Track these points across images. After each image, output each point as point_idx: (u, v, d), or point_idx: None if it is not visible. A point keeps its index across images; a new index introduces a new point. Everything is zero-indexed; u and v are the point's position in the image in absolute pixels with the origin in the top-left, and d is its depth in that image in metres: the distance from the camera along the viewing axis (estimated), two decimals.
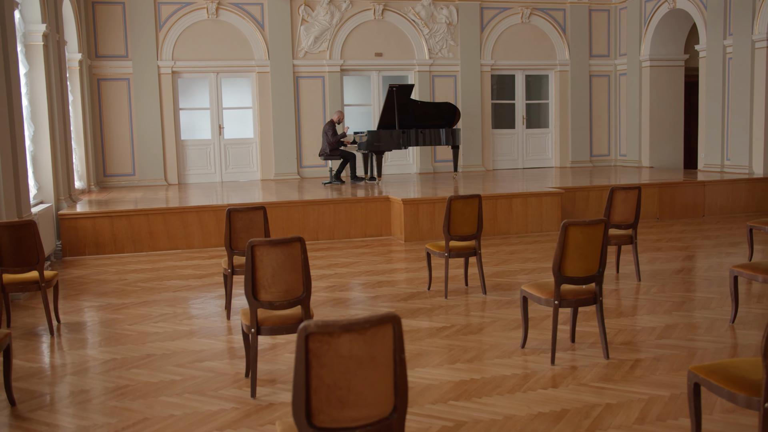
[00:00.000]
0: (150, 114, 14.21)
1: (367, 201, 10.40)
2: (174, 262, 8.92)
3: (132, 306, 6.71)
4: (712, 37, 13.52)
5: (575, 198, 11.13)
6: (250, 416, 4.03)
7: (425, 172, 15.68)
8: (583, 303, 4.83)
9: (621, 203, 7.04)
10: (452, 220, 6.53)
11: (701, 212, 11.79)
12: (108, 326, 6.02)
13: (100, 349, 5.36)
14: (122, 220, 9.53)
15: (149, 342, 5.51)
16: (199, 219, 9.76)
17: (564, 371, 4.63)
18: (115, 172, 14.23)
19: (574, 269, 4.72)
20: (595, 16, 16.43)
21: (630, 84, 16.00)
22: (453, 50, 15.64)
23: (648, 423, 3.81)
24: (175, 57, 14.29)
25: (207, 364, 4.95)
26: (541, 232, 10.35)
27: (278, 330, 4.30)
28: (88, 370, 4.89)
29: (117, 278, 8.04)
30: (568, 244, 4.66)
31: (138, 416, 4.06)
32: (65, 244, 9.35)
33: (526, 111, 16.54)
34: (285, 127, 14.82)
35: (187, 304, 6.84)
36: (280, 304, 4.24)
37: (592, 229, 4.67)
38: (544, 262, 8.37)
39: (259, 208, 6.07)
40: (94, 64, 13.88)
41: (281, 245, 4.14)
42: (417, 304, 6.52)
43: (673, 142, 15.76)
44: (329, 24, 14.93)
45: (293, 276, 4.22)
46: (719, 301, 6.31)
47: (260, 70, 14.69)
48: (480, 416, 3.95)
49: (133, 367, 4.91)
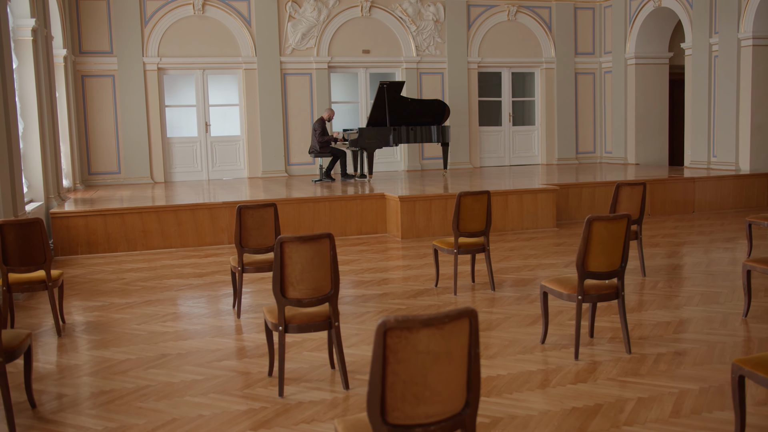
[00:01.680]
0: (135, 111, 14.00)
1: (362, 198, 10.35)
2: (170, 261, 8.79)
3: (136, 305, 6.59)
4: (698, 35, 13.67)
5: (569, 195, 11.18)
6: (281, 415, 3.96)
7: (413, 169, 15.66)
8: (605, 298, 4.84)
9: (626, 199, 7.07)
10: (461, 216, 6.51)
11: (691, 208, 11.91)
12: (116, 326, 5.90)
13: (114, 350, 5.24)
14: (115, 218, 9.37)
15: (161, 342, 5.41)
16: (193, 217, 9.63)
17: (589, 366, 4.63)
18: (100, 170, 14.00)
19: (597, 264, 4.72)
20: (580, 14, 16.53)
21: (615, 82, 16.13)
22: (440, 47, 15.64)
23: (683, 416, 3.82)
24: (160, 53, 14.10)
25: (226, 363, 4.86)
26: (536, 229, 10.39)
27: (306, 328, 4.23)
28: (104, 371, 4.78)
29: (115, 277, 7.90)
30: (592, 239, 4.66)
31: (166, 417, 3.97)
32: (57, 243, 9.16)
33: (512, 108, 16.60)
34: (272, 125, 14.70)
35: (193, 302, 6.73)
36: (309, 302, 4.18)
37: (616, 224, 4.67)
38: (545, 258, 8.39)
39: (270, 205, 5.99)
40: (79, 60, 13.64)
41: (310, 242, 4.07)
42: (427, 300, 6.49)
43: (658, 140, 15.92)
44: (316, 21, 14.83)
45: (322, 273, 4.16)
46: (727, 295, 6.37)
47: (247, 66, 14.55)
48: (514, 412, 3.93)
49: (151, 368, 4.81)
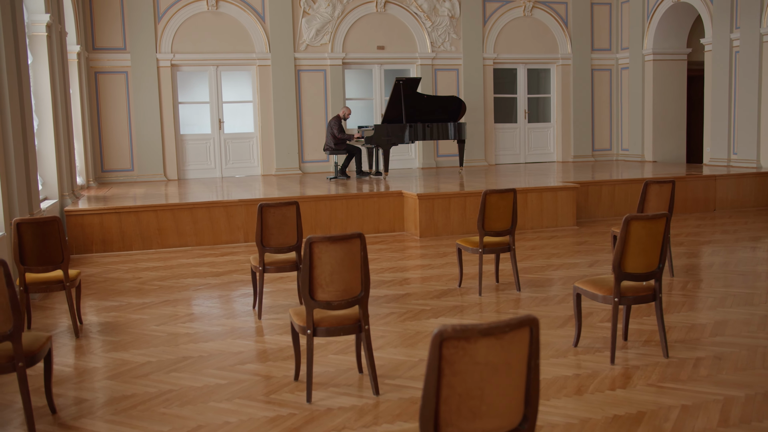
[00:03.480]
0: (149, 108, 13.89)
1: (380, 196, 10.19)
2: (186, 260, 8.66)
3: (154, 306, 6.46)
4: (719, 30, 13.44)
5: (588, 192, 10.99)
6: (310, 423, 3.81)
7: (428, 166, 15.49)
8: (642, 300, 4.67)
9: (655, 197, 6.88)
10: (487, 215, 6.34)
11: (712, 206, 11.71)
12: (134, 327, 5.77)
13: (133, 352, 5.11)
14: (130, 216, 9.25)
15: (182, 344, 5.27)
16: (209, 215, 9.50)
17: (625, 371, 4.46)
18: (114, 167, 13.89)
19: (634, 265, 4.55)
20: (597, 9, 16.31)
21: (632, 78, 15.91)
22: (455, 43, 15.46)
23: (732, 426, 3.65)
24: (174, 50, 13.98)
25: (249, 367, 4.72)
26: (556, 227, 10.21)
27: (335, 331, 4.08)
28: (124, 374, 4.65)
29: (131, 276, 7.77)
30: (630, 239, 4.49)
31: (191, 423, 3.83)
32: (72, 242, 9.05)
33: (528, 105, 16.41)
34: (286, 122, 14.56)
35: (212, 303, 6.60)
36: (338, 304, 4.03)
37: (654, 224, 4.50)
38: (568, 257, 8.22)
39: (292, 204, 5.84)
40: (92, 56, 13.53)
41: (341, 242, 3.92)
42: (451, 301, 6.34)
43: (675, 137, 15.70)
44: (331, 16, 14.68)
45: (352, 274, 4.01)
46: (761, 296, 6.19)
47: (261, 63, 14.41)
48: (554, 419, 3.77)
49: (173, 371, 4.68)
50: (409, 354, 4.89)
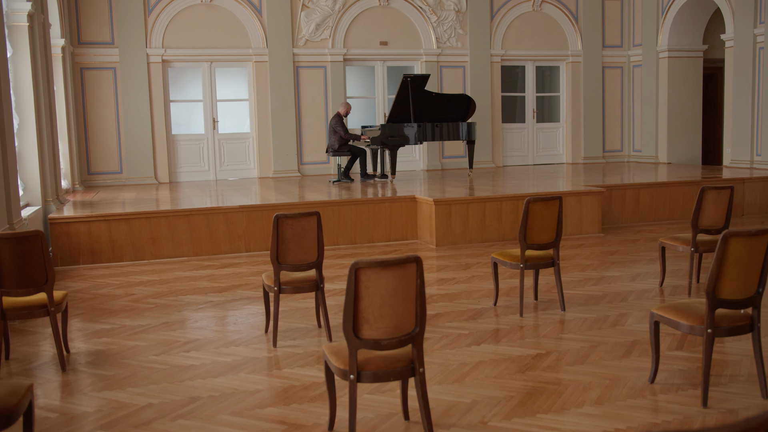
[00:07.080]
0: (138, 106, 13.05)
1: (391, 202, 9.43)
2: (183, 272, 7.87)
3: (151, 329, 5.67)
4: (741, 25, 12.79)
5: (612, 197, 10.30)
6: None
7: (433, 168, 14.76)
8: (738, 331, 3.95)
9: (712, 205, 6.18)
10: (529, 226, 5.61)
11: (740, 211, 11.04)
12: (129, 357, 4.98)
13: (130, 390, 4.32)
14: (121, 224, 8.44)
15: (188, 380, 4.49)
16: (207, 222, 8.71)
17: (722, 415, 3.74)
18: (101, 169, 13.05)
19: (731, 290, 3.82)
20: (608, 4, 15.63)
21: (646, 76, 15.24)
22: (462, 39, 14.73)
23: None
24: (165, 44, 13.15)
25: (271, 412, 3.95)
26: (581, 235, 9.49)
27: (384, 376, 3.30)
28: (120, 422, 3.86)
29: (123, 293, 6.97)
30: (728, 259, 3.76)
31: None
32: (56, 252, 8.23)
33: (536, 104, 15.70)
34: (284, 121, 13.77)
35: (217, 326, 5.82)
36: (389, 343, 3.26)
37: (756, 241, 3.78)
38: (604, 269, 7.50)
39: (312, 214, 5.08)
40: (77, 51, 12.68)
41: (393, 267, 3.16)
42: (489, 323, 5.59)
43: (691, 137, 15.04)
44: (331, 10, 13.90)
45: (406, 306, 3.24)
46: None
47: (258, 59, 13.61)
48: None
49: (179, 416, 3.90)
50: (459, 393, 4.13)
